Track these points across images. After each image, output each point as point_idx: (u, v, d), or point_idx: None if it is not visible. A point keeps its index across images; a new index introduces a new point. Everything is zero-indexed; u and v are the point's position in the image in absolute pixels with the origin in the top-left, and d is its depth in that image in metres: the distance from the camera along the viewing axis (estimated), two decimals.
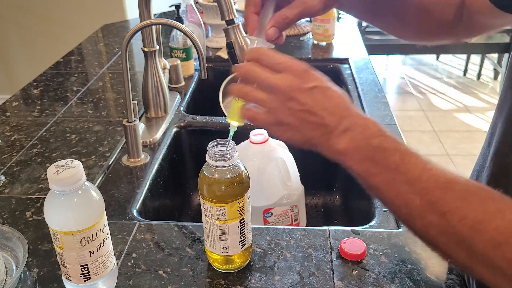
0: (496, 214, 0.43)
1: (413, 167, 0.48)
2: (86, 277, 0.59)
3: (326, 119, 0.50)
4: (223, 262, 0.65)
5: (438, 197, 0.46)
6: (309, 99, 0.50)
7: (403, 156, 0.48)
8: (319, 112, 0.50)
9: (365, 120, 0.51)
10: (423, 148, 2.89)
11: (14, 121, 1.11)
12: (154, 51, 1.06)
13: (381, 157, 0.49)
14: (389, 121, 1.08)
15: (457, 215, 0.44)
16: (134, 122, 0.91)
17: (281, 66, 0.52)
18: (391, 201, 0.50)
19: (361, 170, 0.50)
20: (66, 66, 1.45)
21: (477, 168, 0.66)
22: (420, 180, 0.47)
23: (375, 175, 0.49)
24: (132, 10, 2.67)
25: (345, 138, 0.50)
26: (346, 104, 0.52)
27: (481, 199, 0.45)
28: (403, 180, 0.47)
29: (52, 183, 0.53)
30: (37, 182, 0.88)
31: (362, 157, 0.50)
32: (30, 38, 2.85)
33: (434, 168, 0.48)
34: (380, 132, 0.50)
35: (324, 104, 0.51)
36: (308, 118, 0.51)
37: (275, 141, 0.93)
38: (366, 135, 0.50)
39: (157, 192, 0.94)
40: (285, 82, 0.51)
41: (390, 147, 0.49)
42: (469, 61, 3.88)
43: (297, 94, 0.50)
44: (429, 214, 0.46)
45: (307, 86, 0.51)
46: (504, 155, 0.58)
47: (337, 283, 0.64)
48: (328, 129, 0.51)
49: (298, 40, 1.65)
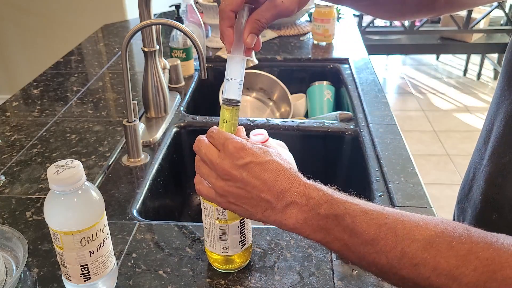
0: (469, 256, 0.41)
1: (368, 227, 0.46)
2: (86, 277, 0.59)
3: (264, 195, 0.49)
4: (223, 262, 0.65)
5: (403, 251, 0.44)
6: (244, 175, 0.50)
7: (354, 218, 0.46)
8: (256, 188, 0.49)
9: (307, 188, 0.49)
10: (423, 148, 2.89)
11: (14, 121, 1.11)
12: (154, 51, 1.06)
13: (333, 225, 0.47)
14: (389, 121, 1.08)
15: (429, 266, 0.42)
16: (134, 122, 0.91)
17: (220, 144, 0.52)
18: (358, 263, 0.48)
19: (318, 239, 0.49)
20: (66, 66, 1.45)
21: (474, 165, 0.66)
22: (378, 238, 0.45)
23: (333, 242, 0.48)
24: (132, 10, 2.67)
25: (291, 212, 0.49)
26: (286, 176, 0.50)
27: (447, 244, 0.42)
28: (361, 242, 0.46)
29: (52, 183, 0.53)
30: (37, 182, 0.88)
31: (315, 227, 0.48)
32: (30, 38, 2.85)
33: (390, 221, 0.45)
34: (324, 197, 0.48)
35: (261, 179, 0.49)
36: (244, 194, 0.50)
37: (275, 141, 0.93)
38: (311, 205, 0.48)
39: (157, 192, 0.94)
40: (218, 159, 0.51)
41: (339, 212, 0.47)
42: (469, 61, 3.88)
43: (231, 170, 0.50)
44: (400, 269, 0.44)
45: (240, 163, 0.50)
46: (501, 154, 0.58)
47: (337, 283, 0.64)
48: (269, 204, 0.49)
49: (298, 40, 1.65)
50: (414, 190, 0.83)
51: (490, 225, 0.59)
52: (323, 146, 1.13)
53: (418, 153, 2.83)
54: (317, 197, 0.48)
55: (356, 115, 1.13)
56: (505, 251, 0.41)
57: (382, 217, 0.46)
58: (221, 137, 0.52)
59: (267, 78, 1.41)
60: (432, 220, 0.45)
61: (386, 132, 1.03)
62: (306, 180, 0.51)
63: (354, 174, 1.08)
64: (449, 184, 2.55)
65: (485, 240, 0.42)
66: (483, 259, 0.41)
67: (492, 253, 0.41)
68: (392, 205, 0.80)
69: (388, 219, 0.46)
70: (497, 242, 0.42)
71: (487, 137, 0.62)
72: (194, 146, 0.54)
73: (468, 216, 0.66)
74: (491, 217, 0.59)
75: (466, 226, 0.44)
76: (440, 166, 2.73)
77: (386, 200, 0.82)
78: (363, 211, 0.47)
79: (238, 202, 0.51)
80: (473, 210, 0.64)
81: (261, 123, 1.11)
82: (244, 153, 0.50)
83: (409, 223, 0.45)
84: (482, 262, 0.41)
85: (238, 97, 0.56)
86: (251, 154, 0.50)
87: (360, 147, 1.01)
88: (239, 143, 0.51)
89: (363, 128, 1.06)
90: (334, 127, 1.10)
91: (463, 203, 0.69)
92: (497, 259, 0.40)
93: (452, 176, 2.63)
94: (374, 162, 0.93)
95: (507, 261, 0.40)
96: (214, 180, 0.52)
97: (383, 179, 0.87)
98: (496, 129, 0.59)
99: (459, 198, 0.71)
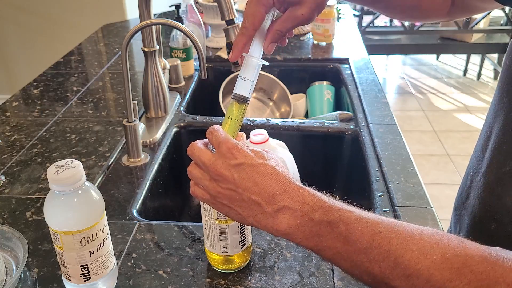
0: (463, 270, 0.40)
1: (361, 235, 0.45)
2: (86, 277, 0.59)
3: (256, 197, 0.49)
4: (223, 262, 0.65)
5: (396, 261, 0.43)
6: (236, 176, 0.49)
7: (347, 225, 0.46)
8: (247, 190, 0.49)
9: (301, 194, 0.48)
10: (423, 148, 2.89)
11: (14, 121, 1.11)
12: (154, 51, 1.06)
13: (327, 231, 0.46)
14: (389, 121, 1.08)
15: (422, 278, 0.42)
16: (134, 122, 0.91)
17: (216, 143, 0.51)
18: (350, 271, 0.47)
19: (310, 246, 0.48)
20: (66, 66, 1.45)
21: (471, 172, 0.65)
22: (372, 247, 0.44)
23: (325, 249, 0.47)
24: (132, 10, 2.67)
25: (283, 217, 0.48)
26: (279, 180, 0.49)
27: (442, 255, 0.42)
28: (354, 250, 0.45)
29: (52, 183, 0.53)
30: (37, 182, 0.88)
31: (308, 233, 0.47)
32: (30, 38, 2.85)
33: (385, 229, 0.45)
34: (319, 203, 0.48)
35: (253, 181, 0.49)
36: (236, 196, 0.50)
37: (275, 141, 0.93)
38: (305, 211, 0.47)
39: (157, 192, 0.94)
40: (211, 160, 0.51)
41: (333, 219, 0.46)
42: (469, 61, 3.88)
43: (222, 171, 0.50)
44: (393, 279, 0.43)
45: (233, 163, 0.49)
46: (500, 164, 0.57)
47: (337, 283, 0.64)
48: (260, 208, 0.49)
49: (298, 40, 1.65)
50: (414, 190, 0.83)
51: (489, 234, 0.58)
52: (323, 146, 1.13)
53: (418, 153, 2.83)
54: (311, 203, 0.48)
55: (356, 115, 1.13)
56: (500, 265, 0.40)
57: (377, 226, 0.45)
58: (219, 136, 0.52)
59: (267, 78, 1.42)
60: (427, 231, 0.45)
61: (386, 132, 1.03)
62: (301, 185, 0.50)
63: (354, 174, 1.08)
64: (449, 184, 2.55)
65: (480, 253, 0.41)
66: (477, 273, 0.40)
67: (487, 267, 0.40)
68: (392, 205, 0.80)
69: (382, 228, 0.45)
70: (493, 255, 0.41)
71: (485, 145, 0.61)
72: (188, 151, 0.54)
73: (465, 224, 0.65)
74: (490, 226, 0.58)
75: (461, 238, 0.43)
76: (440, 166, 2.73)
77: (386, 200, 0.82)
78: (358, 219, 0.46)
79: (231, 205, 0.51)
80: (470, 218, 0.63)
81: (261, 123, 1.11)
82: (237, 154, 0.50)
83: (403, 233, 0.44)
84: (477, 276, 0.40)
85: (248, 95, 0.56)
86: (244, 156, 0.50)
87: (360, 147, 1.01)
88: (233, 144, 0.51)
89: (363, 128, 1.06)
90: (334, 127, 1.10)
91: (460, 210, 0.68)
92: (492, 274, 0.39)
93: (452, 176, 2.63)
94: (374, 162, 0.93)
95: (502, 276, 0.39)
96: (208, 182, 0.52)
97: (383, 179, 0.87)
98: (495, 137, 0.58)
99: (456, 205, 0.70)
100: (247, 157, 0.50)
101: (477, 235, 0.44)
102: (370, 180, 0.88)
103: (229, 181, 0.50)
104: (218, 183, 0.51)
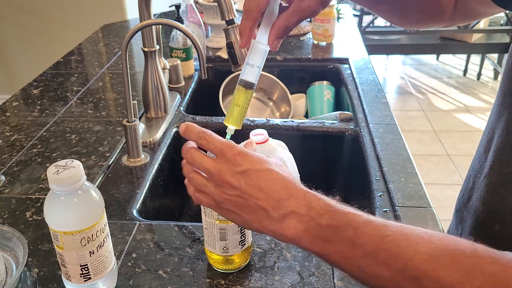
0: (473, 272, 0.40)
1: (369, 239, 0.45)
2: (86, 277, 0.59)
3: (262, 203, 0.48)
4: (223, 262, 0.65)
5: (405, 263, 0.43)
6: (242, 183, 0.49)
7: (355, 229, 0.45)
8: (253, 196, 0.49)
9: (308, 198, 0.48)
10: (423, 148, 2.89)
11: (14, 121, 1.11)
12: (154, 51, 1.06)
13: (334, 235, 0.46)
14: (389, 121, 1.08)
15: (430, 279, 0.41)
16: (134, 122, 0.91)
17: (216, 151, 0.51)
18: (357, 276, 0.47)
19: (316, 250, 0.48)
20: (66, 66, 1.45)
21: (474, 173, 0.64)
22: (379, 250, 0.44)
23: (332, 253, 0.47)
24: (132, 10, 2.67)
25: (290, 222, 0.48)
26: (285, 185, 0.49)
27: (451, 257, 0.41)
28: (362, 254, 0.45)
29: (52, 183, 0.54)
30: (37, 182, 0.88)
31: (315, 238, 0.47)
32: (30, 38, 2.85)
33: (393, 232, 0.44)
34: (326, 207, 0.47)
35: (258, 187, 0.49)
36: (242, 202, 0.50)
37: (275, 141, 0.93)
38: (312, 215, 0.47)
39: (157, 192, 0.94)
40: (216, 167, 0.50)
41: (340, 223, 0.46)
42: (469, 61, 3.88)
43: (228, 178, 0.49)
44: (401, 281, 0.43)
45: (238, 170, 0.49)
46: (504, 164, 0.56)
47: (337, 283, 0.64)
48: (266, 213, 0.49)
49: (298, 40, 1.65)
50: (414, 190, 0.83)
51: (492, 236, 0.58)
52: (323, 146, 1.13)
53: (418, 153, 2.83)
54: (318, 207, 0.47)
55: (356, 115, 1.13)
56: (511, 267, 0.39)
57: (385, 229, 0.45)
58: (218, 142, 0.51)
59: (267, 78, 1.42)
60: (436, 234, 0.44)
61: (386, 132, 1.03)
62: (307, 189, 0.50)
63: (354, 174, 1.08)
64: (449, 184, 2.55)
65: (491, 255, 0.41)
66: (488, 275, 0.39)
67: (498, 269, 0.39)
68: (392, 205, 0.80)
69: (391, 231, 0.45)
70: (504, 258, 0.40)
71: (487, 146, 0.61)
72: (187, 158, 0.53)
73: (468, 226, 0.65)
74: (493, 228, 0.58)
75: (471, 242, 0.43)
76: (440, 166, 2.73)
77: (386, 200, 0.82)
78: (366, 222, 0.46)
79: (237, 211, 0.51)
80: (473, 220, 0.63)
81: (261, 123, 1.11)
82: (242, 160, 0.50)
83: (412, 235, 0.44)
84: (487, 278, 0.39)
85: (255, 81, 0.55)
86: (249, 162, 0.50)
87: (360, 147, 1.01)
88: (238, 149, 0.50)
89: (363, 128, 1.06)
90: (334, 127, 1.10)
91: (461, 212, 0.67)
92: (503, 275, 0.39)
93: (452, 176, 2.63)
94: (374, 162, 0.93)
95: None
96: (213, 189, 0.51)
97: (383, 179, 0.87)
98: (498, 138, 0.58)
99: (457, 207, 0.69)
100: (252, 163, 0.50)
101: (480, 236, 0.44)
102: (370, 180, 0.88)
103: (235, 187, 0.49)
104: (223, 189, 0.50)
